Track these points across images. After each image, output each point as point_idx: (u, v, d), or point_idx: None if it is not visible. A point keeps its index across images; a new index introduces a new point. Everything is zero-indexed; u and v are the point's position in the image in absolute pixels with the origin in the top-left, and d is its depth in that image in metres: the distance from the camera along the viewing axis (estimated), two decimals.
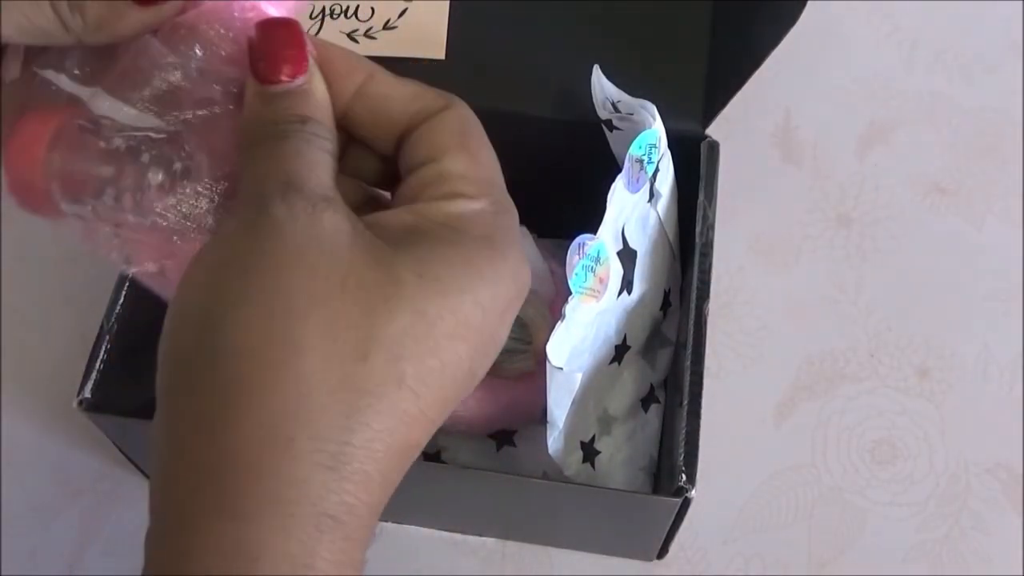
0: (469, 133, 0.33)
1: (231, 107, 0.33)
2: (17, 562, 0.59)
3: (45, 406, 0.63)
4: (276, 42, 0.32)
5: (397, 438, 0.29)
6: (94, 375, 0.50)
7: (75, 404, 0.50)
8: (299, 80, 0.32)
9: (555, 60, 0.55)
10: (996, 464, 0.60)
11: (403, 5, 0.56)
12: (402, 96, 0.34)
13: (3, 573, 0.59)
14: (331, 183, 0.31)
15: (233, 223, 0.30)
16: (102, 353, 0.51)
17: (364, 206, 0.34)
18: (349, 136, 0.35)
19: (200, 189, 0.33)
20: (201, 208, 0.33)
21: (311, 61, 0.32)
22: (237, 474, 0.27)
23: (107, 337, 0.51)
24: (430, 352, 0.29)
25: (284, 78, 0.31)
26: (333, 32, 0.56)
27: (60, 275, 0.67)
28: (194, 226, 0.33)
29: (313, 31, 0.56)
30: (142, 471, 0.59)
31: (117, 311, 0.52)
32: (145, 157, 0.32)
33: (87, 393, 0.50)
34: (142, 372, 0.55)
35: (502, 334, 0.32)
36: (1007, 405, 0.62)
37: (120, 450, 0.57)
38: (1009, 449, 0.61)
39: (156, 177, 0.32)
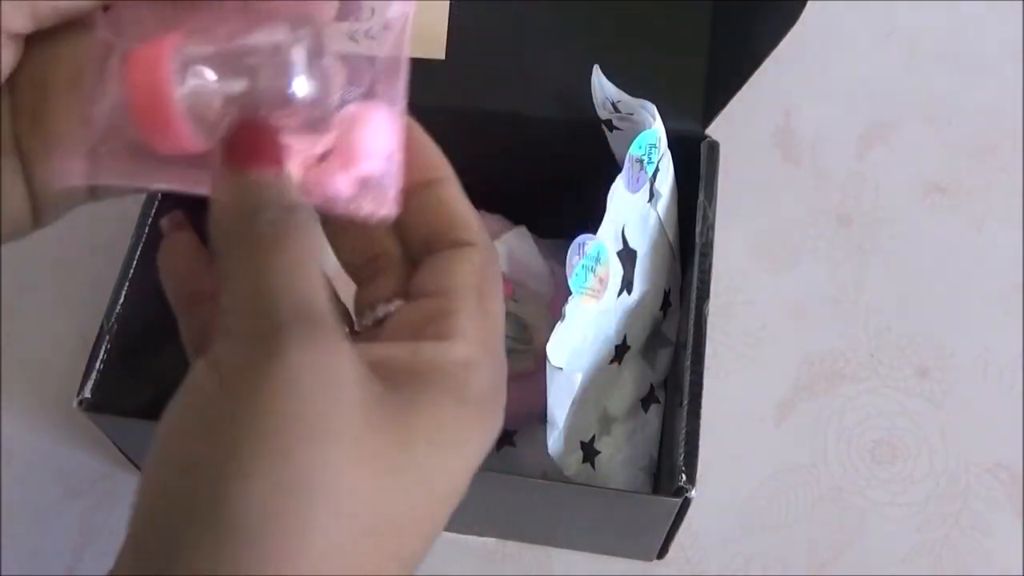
0: (488, 279, 0.31)
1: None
2: (17, 562, 0.59)
3: (45, 406, 0.63)
4: (253, 134, 0.28)
5: None
6: (94, 375, 0.50)
7: (75, 404, 0.50)
8: (276, 169, 0.28)
9: (555, 60, 0.55)
10: (996, 464, 0.60)
11: None
12: (456, 213, 0.32)
13: (3, 573, 0.59)
14: (326, 289, 0.28)
15: (232, 354, 0.26)
16: (102, 353, 0.51)
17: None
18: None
19: (335, 98, 0.30)
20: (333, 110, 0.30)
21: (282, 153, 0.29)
22: None
23: (107, 337, 0.51)
24: (427, 520, 0.28)
25: (262, 165, 0.28)
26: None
27: (60, 275, 0.67)
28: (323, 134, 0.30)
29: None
30: (142, 471, 0.59)
31: (117, 311, 0.52)
32: (279, 67, 0.29)
33: (87, 393, 0.50)
34: (142, 372, 0.55)
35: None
36: (1007, 405, 0.62)
37: (120, 450, 0.57)
38: (1009, 449, 0.61)
39: (298, 83, 0.29)
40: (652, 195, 0.52)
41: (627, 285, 0.51)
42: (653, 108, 0.50)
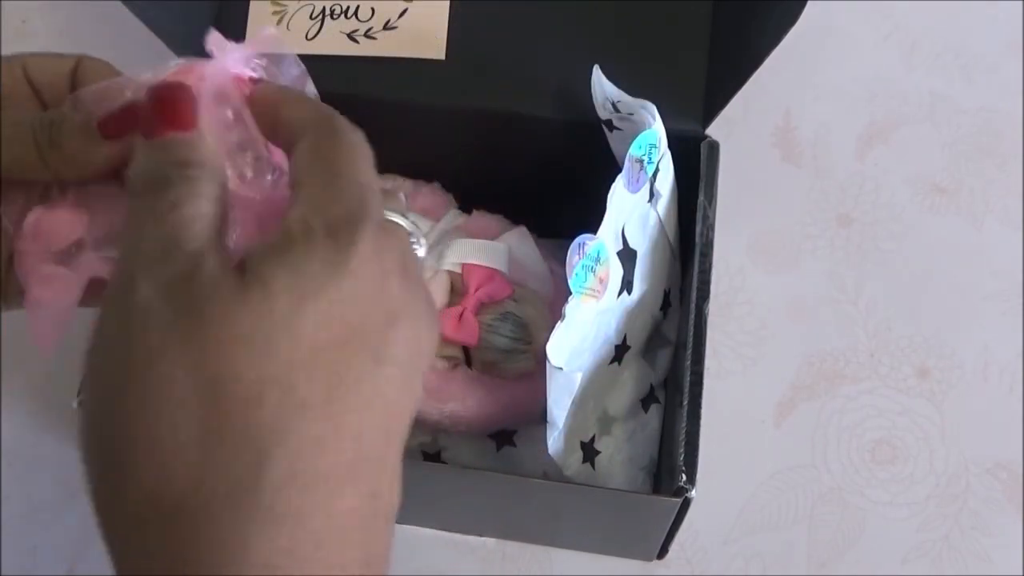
0: (325, 155, 0.32)
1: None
2: (17, 562, 0.59)
3: (45, 406, 0.63)
4: (165, 103, 0.32)
5: (305, 462, 0.28)
6: None
7: (75, 404, 0.50)
8: (183, 135, 0.32)
9: (555, 60, 0.55)
10: (996, 464, 0.60)
11: (403, 5, 0.56)
12: (275, 119, 0.34)
13: (3, 573, 0.59)
14: (209, 229, 0.30)
15: (106, 295, 0.30)
16: None
17: None
18: None
19: None
20: None
21: (198, 113, 0.32)
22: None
23: None
24: (321, 370, 0.28)
25: (169, 133, 0.31)
26: (333, 32, 0.56)
27: None
28: None
29: (313, 31, 0.56)
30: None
31: None
32: None
33: None
34: None
35: (379, 313, 0.30)
36: (1007, 405, 0.62)
37: None
38: (1009, 449, 0.61)
39: None
40: (652, 195, 0.52)
41: (627, 285, 0.51)
42: (653, 108, 0.50)
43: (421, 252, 0.35)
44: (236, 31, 0.56)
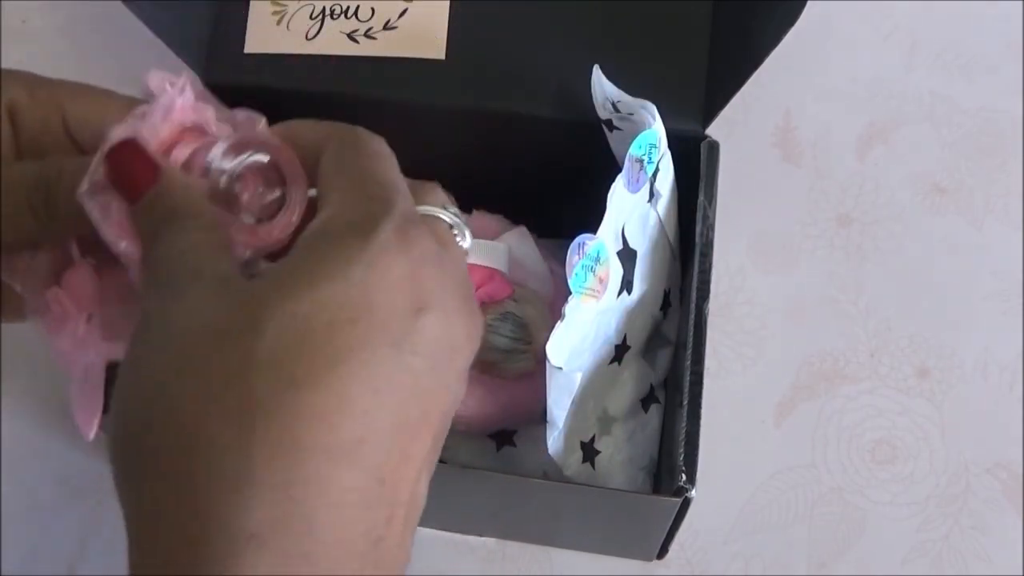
0: (339, 158, 0.33)
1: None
2: (17, 562, 0.59)
3: (45, 406, 0.63)
4: (122, 165, 0.32)
5: (296, 434, 0.28)
6: None
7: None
8: (154, 190, 0.32)
9: (555, 60, 0.55)
10: (996, 464, 0.60)
11: (403, 5, 0.56)
12: (315, 137, 0.34)
13: (3, 573, 0.59)
14: (207, 257, 0.31)
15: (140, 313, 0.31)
16: None
17: None
18: None
19: None
20: None
21: (159, 166, 0.33)
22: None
23: None
24: (318, 349, 0.29)
25: (140, 194, 0.32)
26: (333, 32, 0.56)
27: None
28: None
29: (313, 31, 0.56)
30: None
31: None
32: None
33: None
34: None
35: (403, 302, 0.30)
36: (1007, 405, 0.62)
37: None
38: (1009, 449, 0.61)
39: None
40: (652, 195, 0.52)
41: (627, 285, 0.51)
42: (653, 108, 0.50)
43: (465, 244, 0.34)
44: (236, 31, 0.56)
